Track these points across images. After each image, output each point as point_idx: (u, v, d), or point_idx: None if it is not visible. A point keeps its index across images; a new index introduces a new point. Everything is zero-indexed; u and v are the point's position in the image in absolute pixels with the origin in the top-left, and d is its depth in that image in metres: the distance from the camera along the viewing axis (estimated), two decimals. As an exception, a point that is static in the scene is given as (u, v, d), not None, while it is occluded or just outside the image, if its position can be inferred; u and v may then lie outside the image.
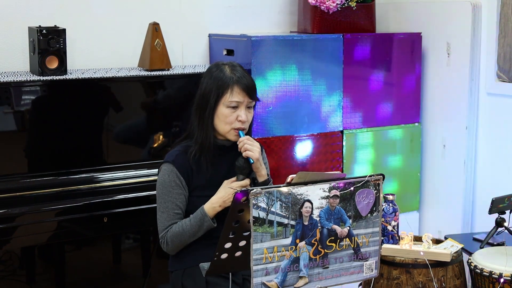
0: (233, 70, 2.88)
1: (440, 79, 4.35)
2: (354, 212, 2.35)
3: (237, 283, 2.81)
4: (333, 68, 4.08)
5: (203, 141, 2.87)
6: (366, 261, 2.42)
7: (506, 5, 4.00)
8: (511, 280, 3.04)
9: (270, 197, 2.17)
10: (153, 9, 4.07)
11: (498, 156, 4.13)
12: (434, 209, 4.47)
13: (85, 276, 3.60)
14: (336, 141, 4.15)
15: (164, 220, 2.88)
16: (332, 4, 4.04)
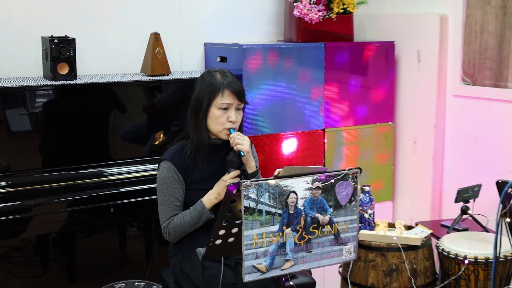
0: (224, 76, 2.91)
1: (411, 83, 4.35)
2: (334, 201, 2.35)
3: (230, 267, 2.81)
4: (316, 73, 4.08)
5: (198, 140, 2.89)
6: (345, 245, 2.42)
7: (470, 16, 4.01)
8: (474, 261, 3.05)
9: (259, 188, 2.18)
10: (154, 21, 4.06)
11: (463, 151, 4.14)
12: (406, 199, 4.47)
13: (94, 261, 3.60)
14: (318, 138, 4.15)
15: (165, 212, 2.89)
16: (315, 16, 4.04)
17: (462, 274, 3.09)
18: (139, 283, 2.64)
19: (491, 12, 3.90)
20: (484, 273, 3.06)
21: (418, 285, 3.09)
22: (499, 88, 3.88)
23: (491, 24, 3.90)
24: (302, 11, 4.04)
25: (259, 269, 2.23)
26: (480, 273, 3.06)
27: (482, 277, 3.06)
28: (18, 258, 3.40)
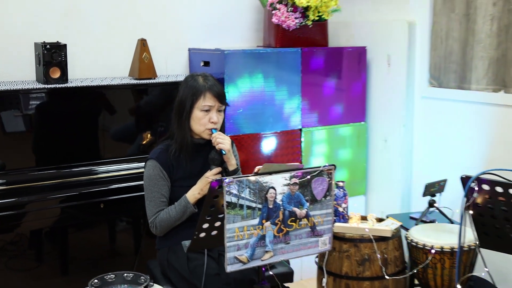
0: (205, 80, 2.91)
1: (382, 85, 4.37)
2: (310, 196, 2.36)
3: (214, 258, 2.80)
4: (293, 76, 4.08)
5: (181, 140, 2.89)
6: (321, 237, 2.43)
7: (436, 23, 4.03)
8: (440, 251, 3.07)
9: (240, 184, 2.18)
10: (141, 27, 4.05)
11: (430, 148, 4.17)
12: (378, 193, 4.49)
13: (85, 254, 3.58)
14: (295, 137, 4.15)
15: (152, 208, 2.89)
16: (292, 23, 4.05)
17: (430, 263, 3.10)
18: (128, 274, 2.62)
19: (456, 19, 3.92)
20: (450, 261, 3.08)
21: (388, 273, 3.11)
22: (463, 90, 3.91)
23: (456, 30, 3.93)
24: (280, 18, 4.05)
25: (241, 260, 2.23)
26: (446, 261, 3.08)
27: (448, 265, 3.08)
28: (13, 252, 3.37)
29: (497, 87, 3.72)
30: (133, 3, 4.05)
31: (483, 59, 3.79)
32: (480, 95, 3.81)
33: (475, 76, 3.84)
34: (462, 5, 3.88)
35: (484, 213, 2.18)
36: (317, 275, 3.38)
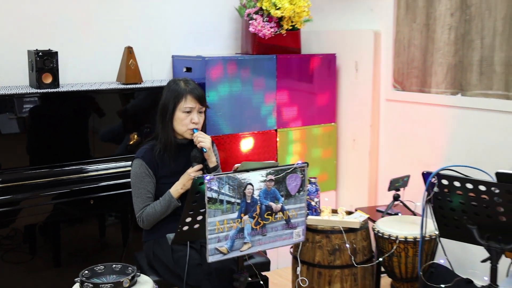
0: (187, 84, 2.92)
1: (350, 89, 4.39)
2: (285, 192, 2.37)
3: (196, 249, 2.81)
4: (269, 81, 4.09)
5: (165, 140, 2.89)
6: (295, 229, 2.43)
7: (399, 32, 4.07)
8: (404, 241, 3.10)
9: (220, 181, 2.18)
10: (128, 36, 4.04)
11: (395, 147, 4.20)
12: (347, 188, 4.51)
13: (77, 247, 3.55)
14: (272, 137, 4.16)
15: (139, 203, 2.88)
16: (267, 32, 4.06)
17: (394, 252, 3.12)
18: (116, 265, 2.61)
19: (417, 29, 3.96)
20: (413, 250, 3.10)
21: (357, 262, 3.12)
22: (424, 93, 3.94)
23: (417, 39, 3.96)
24: (257, 27, 4.06)
25: (221, 251, 2.23)
26: (409, 250, 3.11)
27: (411, 254, 3.11)
28: (8, 245, 3.34)
29: (454, 90, 3.77)
30: (120, 13, 4.03)
31: (442, 65, 3.82)
32: (439, 97, 3.84)
33: (435, 81, 3.87)
34: (422, 16, 3.91)
35: (444, 206, 2.21)
36: (292, 264, 3.39)
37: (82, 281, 2.47)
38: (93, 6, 3.93)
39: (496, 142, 3.53)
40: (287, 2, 4.08)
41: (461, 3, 3.67)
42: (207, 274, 2.61)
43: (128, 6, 4.06)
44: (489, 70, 3.55)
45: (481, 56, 3.59)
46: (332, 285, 3.10)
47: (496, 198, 2.03)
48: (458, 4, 3.69)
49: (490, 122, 3.57)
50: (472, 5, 3.61)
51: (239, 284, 2.40)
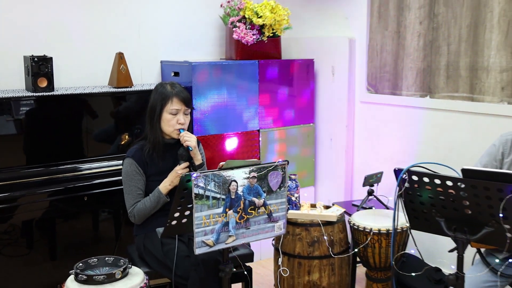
0: (173, 87, 2.92)
1: (327, 92, 4.40)
2: (267, 188, 2.36)
3: (184, 242, 2.80)
4: (251, 85, 4.09)
5: (154, 140, 2.88)
6: (276, 222, 2.43)
7: (372, 39, 4.08)
8: (378, 232, 3.11)
9: (206, 178, 2.17)
10: (119, 42, 4.02)
11: (369, 145, 4.22)
12: (325, 184, 4.52)
13: (71, 241, 3.53)
14: (254, 137, 4.16)
15: (130, 200, 2.87)
16: (250, 39, 4.05)
17: (369, 243, 3.14)
18: (109, 258, 2.60)
19: (389, 36, 3.98)
20: (386, 241, 3.12)
21: (334, 252, 3.13)
22: (395, 96, 3.97)
23: (389, 45, 3.98)
24: (240, 34, 4.05)
25: (208, 244, 2.22)
26: (383, 241, 3.12)
27: (384, 245, 3.13)
28: (7, 240, 3.32)
29: (423, 93, 3.79)
30: (112, 21, 4.01)
31: (412, 69, 3.85)
32: (409, 99, 3.87)
33: (405, 84, 3.89)
34: (394, 24, 3.93)
35: (414, 200, 2.22)
36: (274, 255, 3.39)
37: (77, 273, 2.45)
38: (86, 14, 3.91)
39: (462, 140, 3.56)
40: (268, 11, 4.08)
41: (429, 12, 3.69)
42: (195, 265, 2.61)
43: (119, 14, 4.04)
44: (455, 74, 3.58)
45: (447, 61, 3.62)
46: (311, 275, 3.10)
47: (462, 192, 2.04)
48: (426, 13, 3.71)
49: (456, 122, 3.60)
50: (439, 14, 3.63)
51: (224, 274, 2.39)
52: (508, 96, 3.31)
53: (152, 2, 4.19)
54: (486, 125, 3.42)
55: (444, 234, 2.15)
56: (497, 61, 3.35)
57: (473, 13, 3.44)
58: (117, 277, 2.46)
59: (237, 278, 2.99)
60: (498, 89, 3.36)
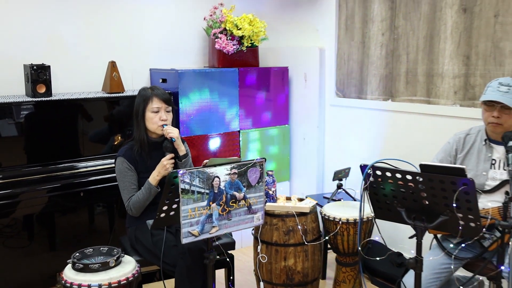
0: (153, 89, 2.95)
1: (301, 96, 4.42)
2: (247, 183, 2.36)
3: (172, 233, 2.78)
4: (232, 90, 4.08)
5: (139, 139, 2.89)
6: (255, 214, 2.43)
7: (340, 49, 4.11)
8: (346, 222, 3.13)
9: (192, 175, 2.16)
10: (112, 51, 4.00)
11: (338, 144, 4.24)
12: (299, 179, 4.54)
13: (69, 233, 3.50)
14: (235, 137, 4.16)
15: (125, 195, 2.85)
16: (230, 49, 4.05)
17: (338, 231, 3.15)
18: (103, 248, 2.57)
19: (355, 46, 4.00)
20: (353, 229, 3.13)
21: (308, 240, 3.14)
22: (361, 99, 3.99)
23: (355, 54, 4.01)
24: (221, 45, 4.05)
25: (193, 234, 2.21)
26: (351, 230, 3.14)
27: (352, 233, 3.14)
28: (9, 233, 3.28)
29: (386, 97, 3.82)
30: (105, 32, 3.98)
31: (375, 76, 3.87)
32: (373, 103, 3.90)
33: (370, 89, 3.92)
34: (359, 35, 3.96)
35: (378, 192, 2.23)
36: (253, 243, 3.39)
37: (74, 262, 2.43)
38: (81, 26, 3.87)
39: (420, 139, 3.60)
40: (247, 24, 4.08)
41: (390, 25, 3.72)
42: (182, 253, 2.60)
43: (112, 26, 4.01)
44: (414, 80, 3.61)
45: (407, 68, 3.65)
46: (287, 260, 3.11)
47: (420, 185, 2.06)
48: (387, 25, 3.74)
49: (414, 123, 3.63)
50: (399, 26, 3.67)
51: (209, 261, 2.38)
52: (460, 99, 3.36)
53: (142, 16, 4.17)
54: (441, 125, 3.46)
55: (405, 223, 2.17)
56: (450, 68, 3.39)
57: (429, 26, 3.48)
58: (111, 265, 2.44)
59: (220, 264, 2.99)
60: (452, 93, 3.40)
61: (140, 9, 4.15)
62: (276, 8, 4.61)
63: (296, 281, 3.12)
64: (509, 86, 2.45)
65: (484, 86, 3.22)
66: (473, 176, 2.59)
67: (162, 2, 4.27)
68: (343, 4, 4.06)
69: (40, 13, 3.70)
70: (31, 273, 3.38)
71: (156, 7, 4.24)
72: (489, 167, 2.59)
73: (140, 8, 4.15)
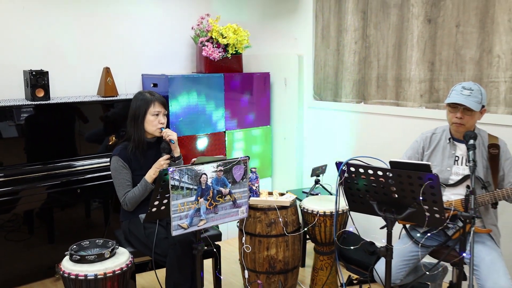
0: (152, 94, 2.93)
1: (281, 100, 4.42)
2: (232, 179, 2.36)
3: (163, 226, 2.77)
4: (218, 94, 4.07)
5: (138, 139, 2.86)
6: (240, 208, 2.42)
7: (317, 56, 4.12)
8: (323, 214, 3.13)
9: (181, 172, 2.15)
10: (106, 58, 3.96)
11: (315, 143, 4.25)
12: (280, 176, 4.54)
13: (67, 227, 3.46)
14: (221, 137, 4.14)
15: (121, 191, 2.82)
16: (216, 56, 4.04)
17: (316, 223, 3.15)
18: (99, 240, 2.55)
19: (330, 53, 4.02)
20: (330, 221, 3.14)
21: (288, 231, 3.14)
22: (336, 102, 4.01)
23: (330, 60, 4.02)
24: (208, 52, 4.03)
25: (182, 227, 2.20)
26: (327, 221, 3.15)
27: (329, 224, 3.15)
28: (11, 227, 3.24)
29: (359, 100, 3.84)
30: (99, 40, 3.94)
31: (349, 81, 3.89)
32: (348, 105, 3.92)
33: (344, 93, 3.94)
34: (334, 43, 3.97)
35: (352, 187, 2.24)
36: (238, 235, 3.38)
37: (71, 254, 2.40)
38: (77, 34, 3.83)
39: (390, 138, 3.62)
40: (231, 33, 4.07)
41: (363, 34, 3.74)
42: (172, 245, 2.58)
43: (106, 34, 3.97)
44: (384, 84, 3.64)
45: (377, 73, 3.67)
46: (270, 250, 3.11)
47: (390, 180, 2.07)
48: (360, 34, 3.76)
49: (385, 123, 3.66)
50: (370, 35, 3.69)
51: (197, 252, 2.37)
52: (426, 102, 3.39)
53: (135, 25, 4.13)
54: (408, 125, 3.49)
55: (376, 214, 2.18)
56: (416, 73, 3.42)
57: (397, 35, 3.50)
58: (106, 257, 2.42)
59: (208, 254, 2.98)
60: (418, 97, 3.43)
61: (133, 19, 4.12)
62: (258, 19, 4.60)
63: (277, 269, 3.12)
64: (471, 90, 2.48)
65: (447, 90, 3.26)
66: (438, 171, 2.62)
67: (153, 13, 4.24)
68: (319, 15, 4.07)
69: (39, 22, 3.65)
70: (31, 264, 3.34)
71: (148, 18, 4.21)
72: (452, 163, 2.62)
73: (132, 18, 4.11)
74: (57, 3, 3.72)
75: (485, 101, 2.51)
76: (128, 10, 4.09)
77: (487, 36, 3.01)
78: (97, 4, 3.91)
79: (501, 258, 2.41)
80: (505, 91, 2.97)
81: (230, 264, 3.75)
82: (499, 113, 2.99)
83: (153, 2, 4.24)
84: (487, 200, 2.43)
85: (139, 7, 4.15)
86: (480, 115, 2.54)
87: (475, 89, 2.49)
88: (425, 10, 3.31)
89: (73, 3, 3.79)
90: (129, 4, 4.08)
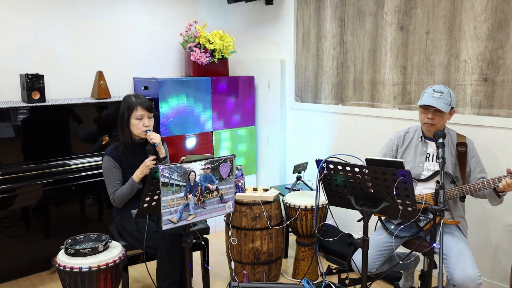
0: (137, 98, 2.87)
1: (265, 101, 4.42)
2: (219, 176, 2.35)
3: (154, 221, 2.75)
4: (206, 96, 4.05)
5: (124, 141, 2.83)
6: (227, 203, 2.42)
7: (298, 60, 4.12)
8: (304, 208, 3.14)
9: (171, 170, 2.13)
10: (99, 62, 3.91)
11: (297, 142, 4.26)
12: (264, 172, 4.54)
13: (62, 222, 3.41)
14: (209, 137, 4.13)
15: (111, 189, 2.79)
16: (204, 60, 4.02)
17: (298, 217, 3.17)
18: (93, 235, 2.52)
19: (310, 58, 4.03)
20: (311, 215, 3.15)
21: (272, 225, 3.15)
22: (316, 104, 4.02)
23: (311, 65, 4.03)
24: (196, 57, 4.01)
25: (172, 221, 2.19)
26: (308, 215, 3.16)
27: (310, 218, 3.16)
28: (8, 223, 3.18)
29: (337, 101, 3.86)
30: (93, 45, 3.90)
31: (328, 84, 3.91)
32: (327, 107, 3.93)
33: (324, 95, 3.95)
34: (314, 49, 3.98)
35: (331, 183, 2.25)
36: (225, 228, 3.37)
37: (67, 247, 2.37)
38: (71, 39, 3.78)
39: (366, 137, 3.65)
40: (218, 39, 4.05)
41: (340, 40, 3.76)
42: (162, 238, 2.56)
43: (99, 39, 3.93)
44: (360, 87, 3.66)
45: (354, 77, 3.69)
46: (255, 242, 3.10)
47: (366, 176, 2.08)
48: (338, 41, 3.78)
49: (361, 123, 3.68)
50: (347, 41, 3.70)
51: (186, 245, 2.36)
52: (399, 103, 3.41)
53: (127, 31, 4.09)
54: (383, 125, 3.51)
55: (354, 208, 2.19)
56: (390, 77, 3.44)
57: (372, 41, 3.52)
58: (100, 250, 2.39)
59: (197, 247, 2.96)
60: (392, 98, 3.45)
61: (125, 26, 4.08)
62: (243, 26, 4.59)
63: (262, 260, 3.12)
64: (441, 92, 2.51)
65: (418, 93, 3.29)
66: (411, 167, 2.64)
67: (144, 19, 4.20)
68: (300, 22, 4.08)
69: (35, 28, 3.59)
70: (28, 258, 3.29)
71: (139, 24, 4.17)
72: (424, 159, 2.64)
73: (124, 25, 4.07)
74: (52, 10, 3.67)
75: (454, 103, 2.54)
76: (121, 17, 4.05)
77: (455, 43, 3.04)
78: (91, 11, 3.87)
79: (468, 248, 2.44)
80: (471, 93, 3.01)
81: (218, 256, 3.74)
82: (466, 114, 3.03)
83: (144, 9, 4.20)
84: (455, 194, 2.46)
85: (131, 14, 4.11)
86: (450, 116, 2.57)
87: (445, 92, 2.51)
88: (398, 18, 3.33)
89: (68, 10, 3.74)
90: (121, 11, 4.04)
